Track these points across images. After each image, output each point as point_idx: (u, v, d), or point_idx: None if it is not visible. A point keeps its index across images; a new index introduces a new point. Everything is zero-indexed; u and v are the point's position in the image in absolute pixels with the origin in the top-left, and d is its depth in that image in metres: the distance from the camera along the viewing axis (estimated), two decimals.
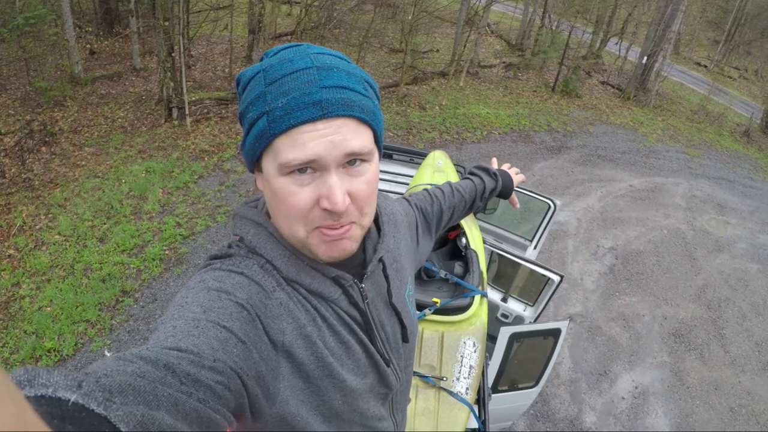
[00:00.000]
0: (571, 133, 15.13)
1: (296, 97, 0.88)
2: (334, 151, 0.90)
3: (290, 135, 0.89)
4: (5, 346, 6.17)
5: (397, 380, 1.26)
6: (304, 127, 0.89)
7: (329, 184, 0.91)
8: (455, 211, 1.69)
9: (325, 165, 0.91)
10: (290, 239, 1.01)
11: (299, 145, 0.89)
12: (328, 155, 0.90)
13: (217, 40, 16.86)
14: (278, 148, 0.91)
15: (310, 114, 0.88)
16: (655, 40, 19.06)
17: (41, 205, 8.50)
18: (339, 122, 0.90)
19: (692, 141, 16.81)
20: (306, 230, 0.96)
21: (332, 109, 0.89)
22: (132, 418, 0.55)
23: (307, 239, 0.98)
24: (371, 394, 1.18)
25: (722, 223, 11.67)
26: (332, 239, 0.98)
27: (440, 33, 22.33)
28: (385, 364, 1.18)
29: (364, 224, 1.02)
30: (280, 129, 0.89)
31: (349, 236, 1.00)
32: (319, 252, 0.99)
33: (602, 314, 7.97)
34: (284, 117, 0.89)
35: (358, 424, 1.17)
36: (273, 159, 0.92)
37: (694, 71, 28.47)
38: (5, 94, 11.93)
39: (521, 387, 4.22)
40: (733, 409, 6.79)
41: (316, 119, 0.88)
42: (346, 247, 1.01)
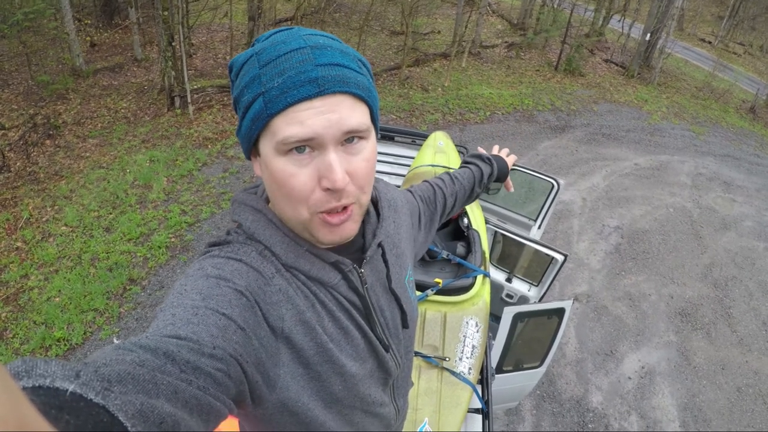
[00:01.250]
0: (574, 111, 15.05)
1: (292, 75, 0.89)
2: (331, 128, 0.90)
3: (287, 114, 0.89)
4: (15, 336, 6.22)
5: (397, 366, 1.26)
6: (301, 105, 0.89)
7: (328, 162, 0.91)
8: (457, 198, 1.70)
9: (323, 143, 0.91)
10: (292, 222, 1.01)
11: (297, 122, 0.89)
12: (326, 133, 0.90)
13: (218, 28, 16.80)
14: (276, 128, 0.90)
15: (307, 91, 0.88)
16: (658, 16, 18.89)
17: (47, 198, 8.52)
18: (336, 99, 0.91)
19: (697, 118, 16.69)
20: (309, 213, 0.96)
21: (328, 86, 0.89)
22: (131, 407, 0.55)
23: (309, 222, 0.98)
24: (371, 380, 1.18)
25: (728, 201, 11.61)
26: (335, 225, 0.98)
27: (441, 14, 22.20)
28: (384, 350, 1.18)
29: (363, 203, 1.02)
30: (277, 108, 0.89)
31: (350, 219, 1.00)
32: (321, 236, 1.00)
33: (608, 294, 7.96)
34: (281, 96, 0.89)
35: (359, 409, 1.18)
36: (271, 139, 0.92)
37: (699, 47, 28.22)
38: (8, 89, 11.94)
39: (526, 367, 4.23)
40: (740, 389, 6.79)
41: (312, 96, 0.89)
42: (349, 231, 1.01)
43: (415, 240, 1.49)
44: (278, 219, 1.05)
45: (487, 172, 1.79)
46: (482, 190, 1.82)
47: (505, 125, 13.41)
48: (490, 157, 1.85)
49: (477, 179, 1.77)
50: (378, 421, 1.28)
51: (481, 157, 1.84)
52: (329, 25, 17.06)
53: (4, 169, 9.02)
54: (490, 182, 1.84)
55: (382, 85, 14.41)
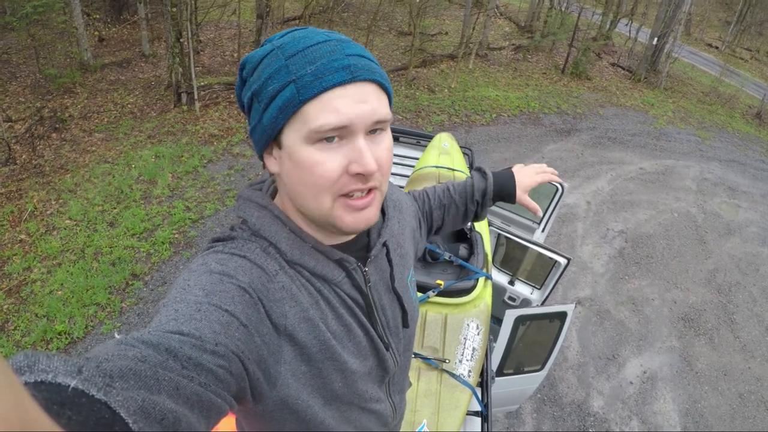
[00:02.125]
0: (580, 115, 15.03)
1: (325, 63, 0.91)
2: (364, 117, 0.92)
3: (321, 100, 0.91)
4: (17, 329, 6.24)
5: (395, 364, 1.26)
6: (335, 91, 0.91)
7: (359, 148, 0.93)
8: (446, 212, 1.63)
9: (354, 131, 0.93)
10: (313, 213, 1.01)
11: (332, 110, 0.90)
12: (359, 121, 0.92)
13: (226, 25, 16.83)
14: (308, 115, 0.91)
15: (341, 77, 0.91)
16: (666, 20, 18.83)
17: (52, 191, 8.55)
18: (366, 87, 0.94)
19: (703, 123, 16.65)
20: (332, 200, 0.96)
21: (360, 73, 0.93)
22: (132, 403, 0.55)
23: (332, 210, 0.98)
24: (370, 377, 1.18)
25: (733, 207, 11.58)
26: (357, 209, 0.99)
27: (449, 15, 22.19)
28: (384, 348, 1.19)
29: (383, 189, 1.04)
30: (312, 93, 0.90)
31: (373, 203, 1.01)
32: (344, 223, 1.00)
33: (611, 298, 7.95)
34: (315, 82, 0.90)
35: (356, 406, 1.18)
36: (300, 127, 0.93)
37: (705, 52, 28.14)
38: (16, 81, 11.98)
39: (527, 370, 4.23)
40: (742, 396, 6.77)
41: (346, 82, 0.91)
42: (371, 216, 1.02)
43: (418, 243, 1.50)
44: (284, 215, 1.05)
45: (479, 188, 1.62)
46: (478, 207, 1.66)
47: (511, 128, 13.40)
48: (486, 171, 1.66)
49: (468, 195, 1.64)
50: (375, 418, 1.28)
51: (481, 170, 1.67)
52: (337, 25, 17.06)
53: (9, 161, 9.05)
54: (487, 200, 1.63)
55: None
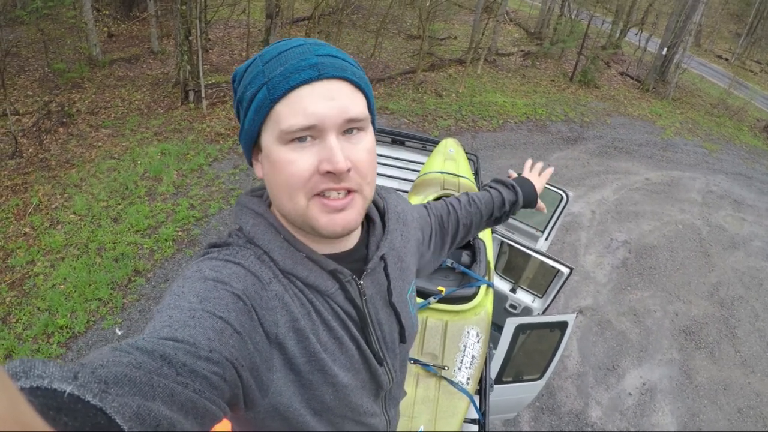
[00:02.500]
0: (588, 123, 15.01)
1: (294, 63, 0.92)
2: (332, 115, 0.92)
3: (290, 99, 0.91)
4: (18, 321, 6.25)
5: (390, 380, 1.25)
6: (303, 89, 0.91)
7: (329, 146, 0.92)
8: (473, 223, 1.65)
9: (324, 129, 0.92)
10: (292, 215, 1.00)
11: (300, 110, 0.91)
12: (327, 118, 0.91)
13: (235, 24, 16.86)
14: (279, 115, 0.92)
15: (308, 75, 0.91)
16: (676, 31, 18.81)
17: (57, 185, 8.56)
18: (335, 84, 0.94)
19: (711, 135, 16.61)
20: (306, 199, 0.96)
21: (327, 71, 0.93)
22: (128, 409, 0.55)
23: (307, 210, 0.97)
24: (363, 390, 1.17)
25: (738, 220, 11.55)
26: (334, 210, 0.97)
27: (458, 20, 22.19)
28: (377, 363, 1.17)
29: (366, 194, 1.02)
30: (280, 92, 0.91)
31: (351, 206, 0.99)
32: (320, 224, 0.98)
33: (613, 308, 7.93)
34: (283, 81, 0.91)
35: (350, 419, 1.17)
36: (274, 128, 0.94)
37: (715, 64, 28.11)
38: (24, 75, 12.01)
39: (526, 379, 4.21)
40: (741, 411, 6.75)
41: (313, 79, 0.92)
42: (349, 220, 0.99)
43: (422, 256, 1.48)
44: (279, 223, 1.05)
45: (509, 199, 1.69)
46: (505, 216, 1.73)
47: (518, 134, 13.39)
48: (514, 184, 1.73)
49: (497, 204, 1.69)
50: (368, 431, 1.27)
51: (504, 183, 1.74)
52: (346, 27, 17.06)
53: (16, 154, 9.07)
54: (515, 210, 1.72)
55: (396, 89, 14.41)
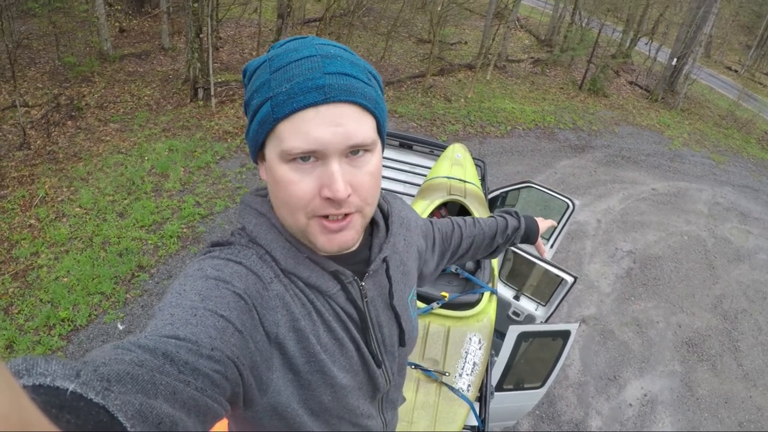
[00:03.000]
0: (596, 132, 14.99)
1: (300, 82, 0.89)
2: (335, 138, 0.90)
3: (293, 120, 0.90)
4: (21, 312, 6.27)
5: (387, 383, 1.25)
6: (307, 112, 0.89)
7: (330, 172, 0.91)
8: (474, 242, 1.68)
9: (327, 154, 0.91)
10: (292, 227, 1.01)
11: (302, 133, 0.89)
12: (329, 144, 0.90)
13: (246, 23, 16.89)
14: (281, 135, 0.91)
15: (313, 98, 0.89)
16: (686, 41, 18.77)
17: (64, 178, 8.59)
18: (342, 108, 0.91)
19: (718, 147, 16.56)
20: (306, 219, 0.96)
21: (335, 94, 0.90)
22: (130, 407, 0.55)
23: (307, 228, 0.97)
24: (360, 392, 1.17)
25: (744, 233, 11.50)
26: (332, 231, 0.97)
27: (469, 25, 22.19)
28: (375, 366, 1.17)
29: (366, 213, 1.01)
30: (283, 113, 0.90)
31: (350, 227, 0.99)
32: (319, 243, 0.99)
33: (616, 318, 7.91)
34: (287, 101, 0.89)
35: (346, 420, 1.17)
36: (276, 146, 0.93)
37: (724, 75, 28.03)
38: (35, 67, 12.05)
39: (527, 387, 4.21)
40: (742, 425, 6.72)
41: (318, 103, 0.89)
42: (347, 240, 1.00)
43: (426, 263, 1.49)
44: (281, 224, 1.05)
45: (512, 225, 1.75)
46: (507, 243, 1.77)
47: (526, 141, 13.37)
48: (518, 212, 1.82)
49: (500, 228, 1.73)
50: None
51: (509, 212, 1.82)
52: (357, 29, 17.08)
53: (24, 146, 9.10)
54: (517, 237, 1.78)
55: (405, 93, 14.41)
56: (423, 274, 1.50)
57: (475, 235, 1.67)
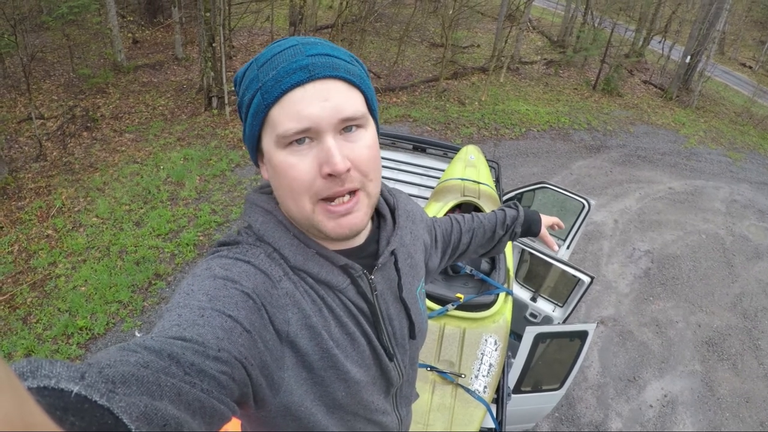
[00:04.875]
0: (611, 132, 14.90)
1: (284, 66, 0.93)
2: (325, 113, 0.92)
3: (283, 103, 0.92)
4: (39, 322, 6.33)
5: (400, 376, 1.25)
6: (295, 92, 0.92)
7: (327, 147, 0.92)
8: (475, 235, 1.68)
9: (320, 130, 0.92)
10: (298, 218, 1.01)
11: (293, 113, 0.91)
12: (321, 120, 0.92)
13: (259, 32, 16.98)
14: (274, 120, 0.93)
15: (298, 77, 0.92)
16: (699, 39, 18.61)
17: (80, 188, 8.67)
18: (328, 84, 0.94)
19: (735, 144, 16.40)
20: (311, 204, 0.96)
21: (318, 71, 0.93)
22: (135, 409, 0.55)
23: (313, 215, 0.98)
24: (374, 387, 1.17)
25: (763, 230, 11.37)
26: (339, 215, 0.98)
27: (481, 28, 22.16)
28: (387, 359, 1.17)
29: (370, 191, 1.02)
30: (273, 97, 0.92)
31: (357, 209, 0.99)
32: (327, 229, 0.99)
33: (635, 318, 7.84)
34: (275, 86, 0.92)
35: (361, 417, 1.17)
36: (271, 133, 0.95)
37: (739, 72, 27.75)
38: (49, 80, 12.19)
39: (545, 389, 4.18)
40: (764, 424, 6.63)
41: (304, 81, 0.92)
42: (355, 222, 1.00)
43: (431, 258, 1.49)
44: (288, 221, 1.05)
45: (511, 215, 1.76)
46: (508, 234, 1.77)
47: (540, 142, 13.32)
48: (517, 204, 1.83)
49: (499, 220, 1.74)
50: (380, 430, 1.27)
51: (509, 204, 1.84)
52: (369, 34, 17.12)
53: (40, 157, 9.20)
54: (517, 226, 1.77)
55: (419, 97, 14.43)
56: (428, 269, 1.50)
57: (475, 229, 1.68)
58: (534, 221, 1.80)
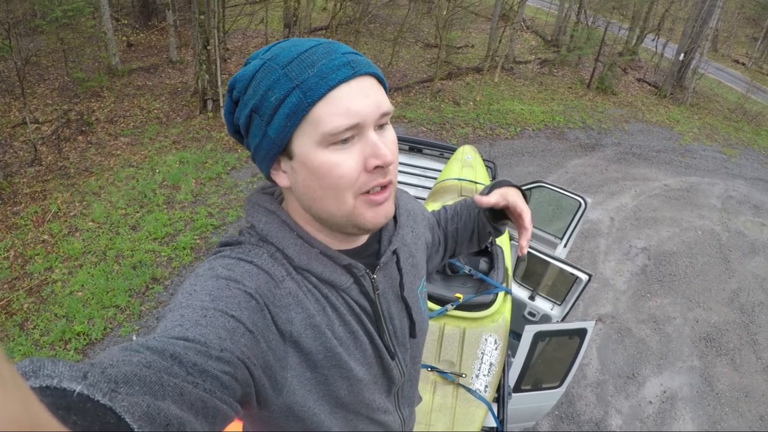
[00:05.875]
0: (605, 130, 14.93)
1: (325, 63, 0.91)
2: (370, 109, 0.93)
3: (329, 100, 0.91)
4: (36, 328, 6.31)
5: (401, 375, 1.25)
6: (341, 88, 0.91)
7: (372, 142, 0.94)
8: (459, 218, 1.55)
9: (365, 126, 0.93)
10: (334, 216, 1.00)
11: (342, 109, 0.91)
12: (367, 115, 0.93)
13: (253, 34, 16.97)
14: (319, 118, 0.91)
15: (345, 73, 0.91)
16: (692, 36, 18.69)
17: (76, 193, 8.65)
18: (367, 81, 0.95)
19: (729, 140, 16.46)
20: (354, 198, 0.97)
21: (360, 67, 0.94)
22: (137, 409, 0.55)
23: (354, 209, 0.98)
24: (376, 386, 1.17)
25: (758, 225, 11.40)
26: (378, 203, 0.99)
27: (475, 28, 22.18)
28: (389, 357, 1.17)
29: (395, 183, 1.04)
30: (320, 94, 0.90)
31: (390, 198, 1.02)
32: (366, 219, 1.00)
33: (632, 315, 7.86)
34: (321, 82, 0.90)
35: (364, 416, 1.17)
36: (312, 132, 0.92)
37: (732, 69, 27.87)
38: (44, 84, 12.16)
39: (545, 387, 4.18)
40: (763, 417, 6.65)
41: (350, 78, 0.92)
42: (389, 210, 1.03)
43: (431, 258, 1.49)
44: (292, 220, 1.05)
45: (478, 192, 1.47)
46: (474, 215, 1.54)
47: (536, 142, 13.35)
48: None
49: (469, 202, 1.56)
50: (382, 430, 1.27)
51: None
52: (363, 36, 17.11)
53: (35, 162, 9.18)
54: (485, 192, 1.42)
55: (414, 98, 14.44)
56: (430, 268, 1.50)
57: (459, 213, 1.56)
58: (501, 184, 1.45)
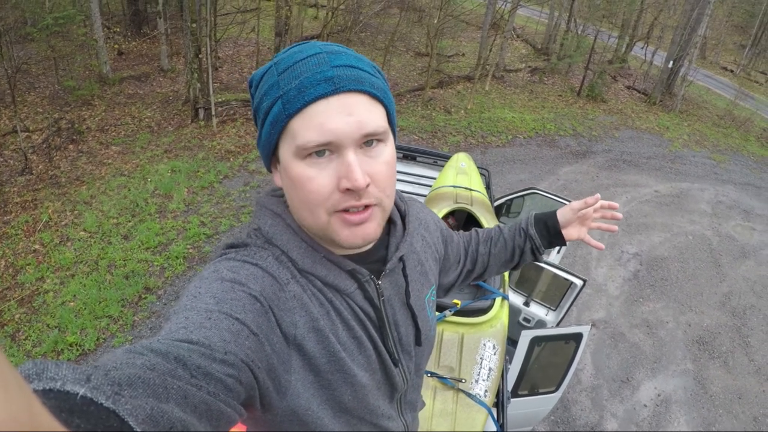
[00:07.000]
0: (596, 137, 15.02)
1: (308, 77, 0.90)
2: (350, 131, 0.90)
3: (305, 114, 0.90)
4: (28, 339, 6.25)
5: (404, 382, 1.24)
6: (318, 104, 0.90)
7: (347, 162, 0.91)
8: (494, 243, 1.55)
9: (342, 145, 0.91)
10: (312, 228, 1.01)
11: (316, 126, 0.89)
12: (344, 134, 0.90)
13: (244, 43, 16.99)
14: (295, 131, 0.92)
15: (323, 89, 0.89)
16: (681, 44, 18.85)
17: (67, 202, 8.60)
18: (352, 98, 0.92)
19: (718, 146, 16.58)
20: (327, 215, 0.95)
21: (343, 84, 0.91)
22: (141, 412, 0.55)
23: (328, 225, 0.97)
24: (379, 392, 1.17)
25: (748, 230, 11.48)
26: (354, 224, 0.97)
27: (466, 37, 22.28)
28: (392, 364, 1.16)
29: (385, 206, 1.01)
30: (295, 108, 0.90)
31: (371, 219, 0.99)
32: (341, 238, 0.98)
33: (625, 320, 7.88)
34: (298, 96, 0.90)
35: (367, 421, 1.17)
36: (290, 143, 0.93)
37: (721, 76, 28.11)
38: (34, 92, 12.12)
39: (542, 392, 4.19)
40: (757, 419, 6.68)
41: (328, 94, 0.90)
42: (369, 232, 0.99)
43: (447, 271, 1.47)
44: (297, 224, 1.05)
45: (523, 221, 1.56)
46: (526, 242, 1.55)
47: (527, 149, 13.40)
48: None
49: (516, 228, 1.56)
50: None
51: None
52: (355, 44, 17.17)
53: (26, 171, 9.13)
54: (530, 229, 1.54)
55: (405, 106, 14.47)
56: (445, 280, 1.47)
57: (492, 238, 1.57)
58: (549, 220, 1.54)
